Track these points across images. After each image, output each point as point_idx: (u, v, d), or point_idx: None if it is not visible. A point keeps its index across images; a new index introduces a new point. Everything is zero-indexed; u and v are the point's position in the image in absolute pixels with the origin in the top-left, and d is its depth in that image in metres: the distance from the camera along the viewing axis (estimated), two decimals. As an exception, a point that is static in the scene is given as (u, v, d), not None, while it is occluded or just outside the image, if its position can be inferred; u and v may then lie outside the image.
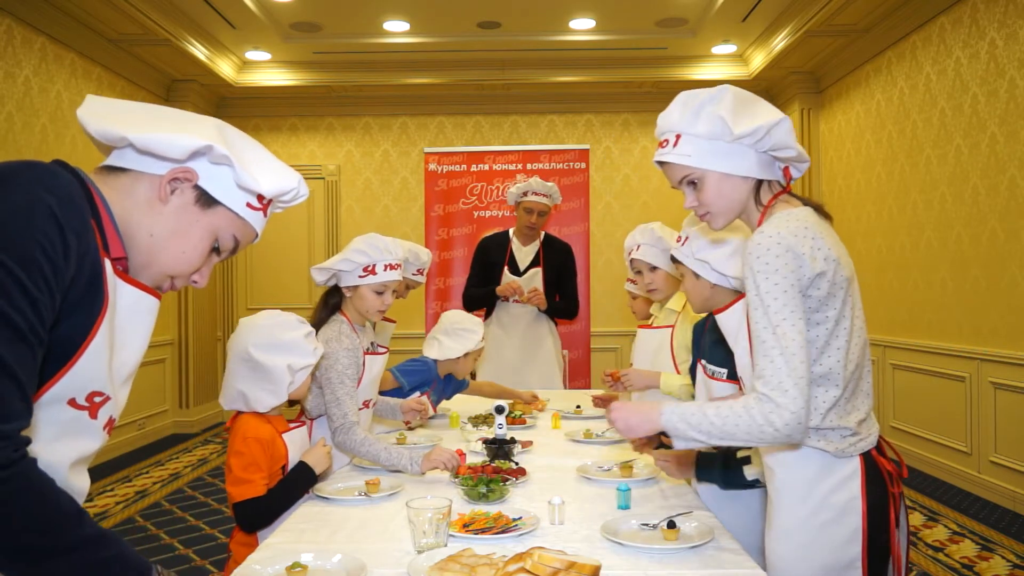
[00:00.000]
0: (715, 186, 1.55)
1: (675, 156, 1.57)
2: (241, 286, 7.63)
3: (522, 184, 4.18)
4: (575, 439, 2.77)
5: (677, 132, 1.57)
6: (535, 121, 7.56)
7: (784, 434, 1.39)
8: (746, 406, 1.41)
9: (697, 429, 1.45)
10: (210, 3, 5.58)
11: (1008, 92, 4.40)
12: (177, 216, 1.08)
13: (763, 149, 1.51)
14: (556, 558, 1.30)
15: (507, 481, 2.07)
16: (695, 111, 1.54)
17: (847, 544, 1.50)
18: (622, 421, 1.58)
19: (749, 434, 1.41)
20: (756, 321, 1.43)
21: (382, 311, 2.51)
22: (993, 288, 4.55)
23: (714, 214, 1.59)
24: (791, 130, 1.51)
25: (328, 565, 1.52)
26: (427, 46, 6.50)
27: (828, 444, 1.50)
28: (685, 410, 1.48)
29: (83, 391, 0.98)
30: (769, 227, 1.46)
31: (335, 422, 2.34)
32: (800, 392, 1.37)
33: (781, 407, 1.37)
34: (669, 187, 6.28)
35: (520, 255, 4.24)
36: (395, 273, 2.46)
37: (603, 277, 7.30)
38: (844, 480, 1.50)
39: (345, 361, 2.37)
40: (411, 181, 7.52)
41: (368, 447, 2.29)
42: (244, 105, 7.48)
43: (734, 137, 1.49)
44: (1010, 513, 4.34)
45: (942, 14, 5.04)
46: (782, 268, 1.42)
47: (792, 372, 1.37)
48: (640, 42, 6.50)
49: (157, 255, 1.08)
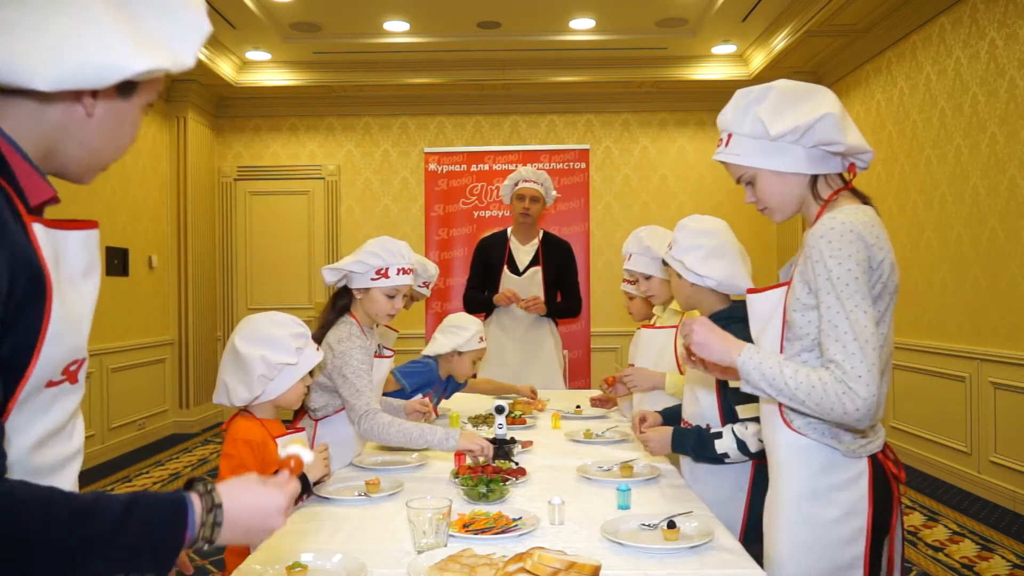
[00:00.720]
0: (767, 184, 1.57)
1: (726, 155, 1.60)
2: (241, 286, 7.63)
3: (513, 175, 4.19)
4: (575, 439, 2.77)
5: (729, 132, 1.60)
6: (535, 121, 7.56)
7: (854, 419, 1.40)
8: (823, 380, 1.42)
9: (769, 383, 1.47)
10: (210, 3, 5.57)
11: (1008, 92, 4.40)
12: (107, 119, 0.98)
13: (810, 145, 1.51)
14: (556, 558, 1.30)
15: (507, 481, 2.07)
16: (744, 110, 1.56)
17: (849, 544, 1.50)
18: (702, 337, 1.57)
19: (819, 407, 1.42)
20: (828, 306, 1.43)
21: (392, 315, 2.50)
22: (993, 288, 4.55)
23: (771, 210, 1.61)
24: (837, 124, 1.48)
25: (328, 565, 1.52)
26: (427, 46, 6.50)
27: (839, 443, 1.51)
28: (763, 361, 1.49)
29: (57, 369, 0.93)
30: (841, 214, 1.47)
31: (358, 411, 2.33)
32: (873, 379, 1.39)
33: (854, 392, 1.39)
34: (669, 187, 6.30)
35: (519, 254, 4.21)
36: (407, 278, 2.46)
37: (603, 277, 7.30)
38: (852, 479, 1.51)
39: (360, 355, 2.38)
40: (411, 181, 7.52)
41: (396, 429, 2.28)
42: (244, 105, 7.47)
43: (772, 137, 1.50)
44: (1010, 513, 4.34)
45: (942, 14, 5.04)
46: (855, 254, 1.43)
47: (866, 359, 1.39)
48: (640, 42, 6.49)
49: (97, 158, 1.01)
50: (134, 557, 0.88)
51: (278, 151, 7.60)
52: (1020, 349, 4.33)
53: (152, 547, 0.89)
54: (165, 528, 0.91)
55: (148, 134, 6.63)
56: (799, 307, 1.52)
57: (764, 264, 7.47)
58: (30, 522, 0.83)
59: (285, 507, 1.02)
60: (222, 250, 7.60)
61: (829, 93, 1.55)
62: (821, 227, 1.46)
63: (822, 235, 1.45)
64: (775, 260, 7.55)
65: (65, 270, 0.95)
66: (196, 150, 7.09)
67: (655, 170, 7.57)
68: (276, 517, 1.01)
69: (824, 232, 1.45)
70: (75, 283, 0.97)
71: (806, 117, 1.48)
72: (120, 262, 6.13)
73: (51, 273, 0.91)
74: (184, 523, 0.92)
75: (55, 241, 0.94)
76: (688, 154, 7.57)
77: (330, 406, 2.51)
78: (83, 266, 0.99)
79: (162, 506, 0.91)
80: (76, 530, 0.85)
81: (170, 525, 0.91)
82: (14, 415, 0.91)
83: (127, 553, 0.87)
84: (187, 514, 0.92)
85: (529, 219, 4.16)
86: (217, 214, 7.56)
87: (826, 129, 1.48)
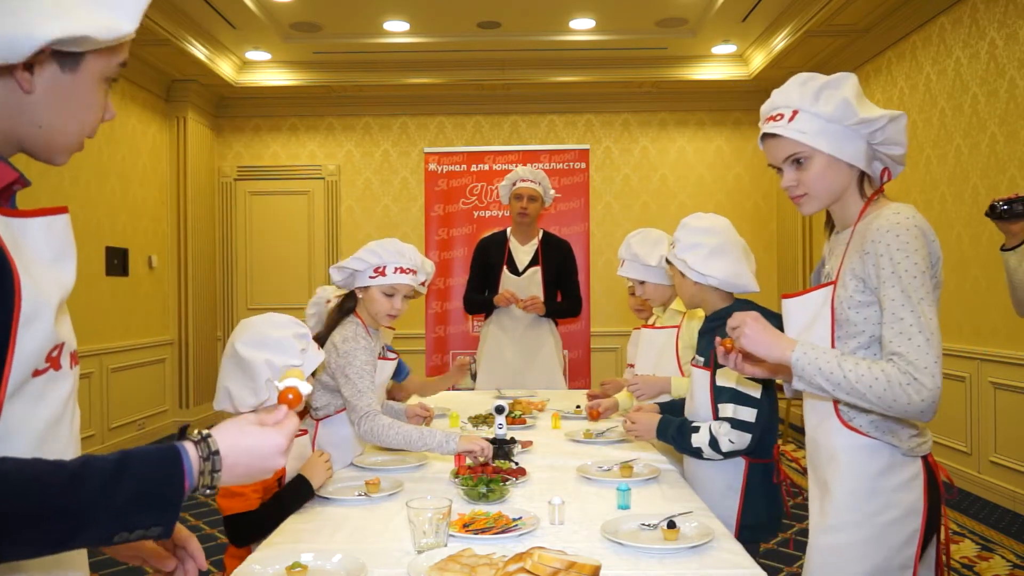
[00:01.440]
0: (821, 168, 1.55)
1: (790, 131, 1.55)
2: (241, 286, 7.63)
3: (510, 175, 4.16)
4: (575, 439, 2.77)
5: (795, 108, 1.55)
6: (535, 121, 7.56)
7: (918, 410, 1.39)
8: (886, 372, 1.40)
9: (826, 377, 1.44)
10: (210, 3, 5.58)
11: (1008, 92, 4.40)
12: (52, 94, 0.94)
13: (875, 141, 1.52)
14: (556, 558, 1.30)
15: (507, 481, 2.06)
16: (815, 91, 1.53)
17: (904, 545, 1.50)
18: (754, 332, 1.53)
19: (881, 399, 1.41)
20: (892, 299, 1.43)
21: (392, 315, 2.49)
22: (993, 288, 4.55)
23: (811, 196, 1.58)
24: (905, 128, 1.51)
25: (328, 565, 1.52)
26: (427, 46, 6.50)
27: (899, 440, 1.51)
28: (819, 356, 1.46)
29: (40, 356, 0.92)
30: (904, 209, 1.47)
31: (359, 411, 2.32)
32: (939, 371, 1.39)
33: (920, 384, 1.38)
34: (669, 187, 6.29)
35: (518, 254, 4.19)
36: (406, 277, 2.45)
37: (603, 277, 7.30)
38: (909, 480, 1.51)
39: (363, 356, 2.38)
40: (411, 181, 7.52)
41: (396, 431, 2.28)
42: (244, 105, 7.48)
43: (857, 120, 1.49)
44: (1010, 513, 4.34)
45: (942, 14, 5.04)
46: (920, 248, 1.44)
47: (932, 350, 1.40)
48: (640, 42, 6.49)
49: (57, 137, 0.97)
50: (132, 515, 0.85)
51: (278, 151, 7.60)
52: (1020, 349, 4.33)
53: (149, 503, 0.86)
54: (161, 481, 0.88)
55: (148, 134, 6.64)
56: (854, 305, 1.51)
57: (764, 264, 7.48)
58: (21, 494, 0.81)
59: (285, 447, 0.98)
60: (222, 250, 7.60)
61: None
62: (885, 222, 1.46)
63: (888, 229, 1.44)
64: (775, 260, 7.54)
65: (28, 256, 0.93)
66: (196, 150, 7.09)
67: (655, 170, 7.57)
68: (276, 458, 0.98)
69: (890, 227, 1.44)
70: (43, 268, 0.94)
71: (889, 112, 1.49)
72: (120, 262, 6.13)
73: (15, 260, 0.89)
74: (180, 473, 0.89)
75: (13, 229, 0.93)
76: (688, 154, 7.57)
77: (331, 406, 2.51)
78: (51, 253, 0.96)
79: (155, 459, 0.88)
80: (69, 496, 0.83)
81: (167, 477, 0.88)
82: (11, 408, 0.90)
83: (124, 512, 0.85)
84: (183, 464, 0.89)
85: (527, 219, 4.12)
86: (217, 214, 7.56)
87: (899, 129, 1.50)
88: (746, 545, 1.70)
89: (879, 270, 1.45)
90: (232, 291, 7.63)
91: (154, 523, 0.87)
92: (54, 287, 0.95)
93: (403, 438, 2.27)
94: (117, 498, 0.84)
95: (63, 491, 0.83)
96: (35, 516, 0.81)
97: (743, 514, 2.09)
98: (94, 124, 1.01)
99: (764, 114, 1.62)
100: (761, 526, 2.12)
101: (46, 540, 0.82)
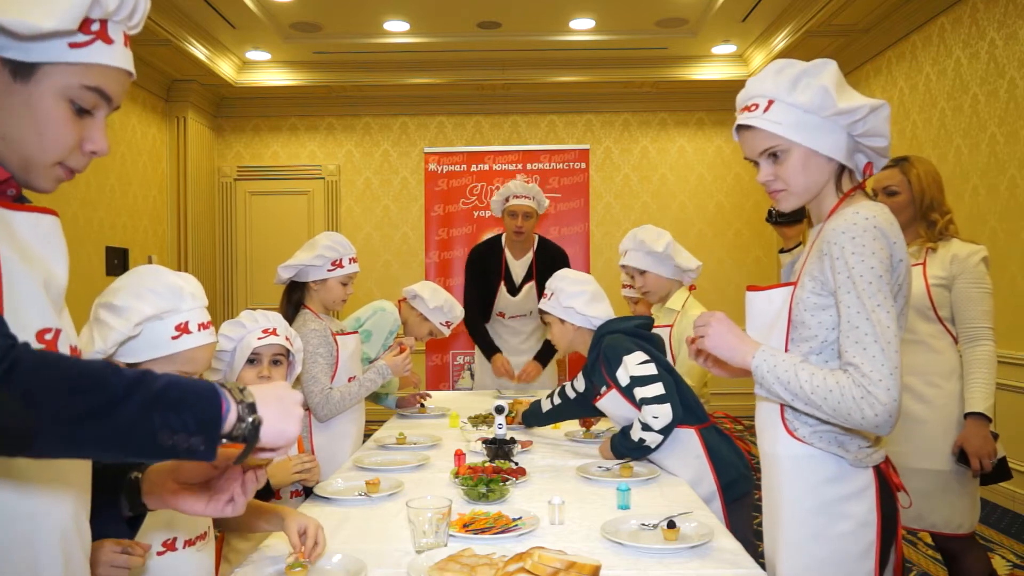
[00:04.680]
0: (800, 161, 1.45)
1: (764, 122, 1.44)
2: (241, 286, 7.63)
3: (502, 190, 3.95)
4: (575, 439, 2.77)
5: (770, 97, 1.44)
6: (535, 121, 7.56)
7: (872, 424, 1.33)
8: (840, 385, 1.34)
9: (784, 386, 1.40)
10: (210, 3, 5.58)
11: (1008, 92, 4.40)
12: (6, 102, 0.92)
13: (856, 132, 1.43)
14: (556, 558, 1.30)
15: (507, 481, 2.06)
16: (792, 79, 1.43)
17: (862, 558, 1.45)
18: (718, 334, 1.49)
19: (835, 412, 1.35)
20: (847, 306, 1.35)
21: (345, 300, 2.80)
22: (993, 288, 4.54)
23: (789, 192, 1.48)
24: (888, 118, 1.42)
25: (328, 565, 1.52)
26: (427, 46, 6.50)
27: (845, 452, 1.46)
28: (779, 363, 1.41)
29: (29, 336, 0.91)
30: (863, 209, 1.38)
31: (315, 397, 2.60)
32: (895, 383, 1.32)
33: (874, 397, 1.31)
34: (668, 187, 6.27)
35: (515, 268, 4.05)
36: (356, 265, 2.80)
37: (603, 277, 7.23)
38: (860, 491, 1.45)
39: (315, 341, 2.63)
40: (411, 181, 7.52)
41: (345, 394, 2.65)
42: (244, 105, 7.47)
43: (836, 111, 1.39)
44: (1010, 513, 4.34)
45: (942, 14, 5.04)
46: (878, 251, 1.35)
47: (887, 361, 1.32)
48: (640, 42, 6.50)
49: (22, 151, 0.95)
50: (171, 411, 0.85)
51: (278, 151, 7.61)
52: (1020, 349, 4.33)
53: (189, 404, 0.86)
54: (200, 394, 0.88)
55: (148, 134, 6.64)
56: (810, 307, 1.44)
57: (764, 264, 7.48)
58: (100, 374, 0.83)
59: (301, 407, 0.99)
60: (222, 250, 7.60)
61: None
62: (842, 222, 1.37)
63: (844, 230, 1.36)
64: (775, 260, 7.54)
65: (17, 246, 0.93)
66: (196, 150, 7.09)
67: (655, 170, 7.57)
68: (298, 406, 0.98)
69: (846, 228, 1.36)
70: (33, 255, 0.94)
71: (871, 101, 1.39)
72: (120, 262, 6.13)
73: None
74: (217, 395, 0.89)
75: (9, 219, 0.93)
76: (688, 154, 7.57)
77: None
78: (39, 250, 0.96)
79: (191, 383, 0.90)
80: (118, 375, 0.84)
81: (206, 391, 0.89)
82: None
83: (164, 401, 0.85)
84: (216, 388, 0.90)
85: (522, 237, 3.94)
86: (217, 214, 7.56)
87: (882, 119, 1.41)
88: (735, 504, 1.91)
89: (835, 273, 1.37)
90: (232, 291, 7.63)
91: (195, 426, 0.86)
92: (42, 272, 0.95)
93: (354, 397, 2.67)
94: (156, 384, 0.85)
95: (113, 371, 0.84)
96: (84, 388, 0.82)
97: (719, 475, 2.19)
98: (64, 146, 0.96)
99: (739, 104, 1.52)
100: (740, 479, 2.22)
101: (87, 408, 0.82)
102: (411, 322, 3.40)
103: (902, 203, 2.51)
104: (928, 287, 2.46)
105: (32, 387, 0.79)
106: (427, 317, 3.36)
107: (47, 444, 0.81)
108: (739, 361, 1.48)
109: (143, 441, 0.84)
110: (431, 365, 5.45)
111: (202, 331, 1.48)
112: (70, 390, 0.81)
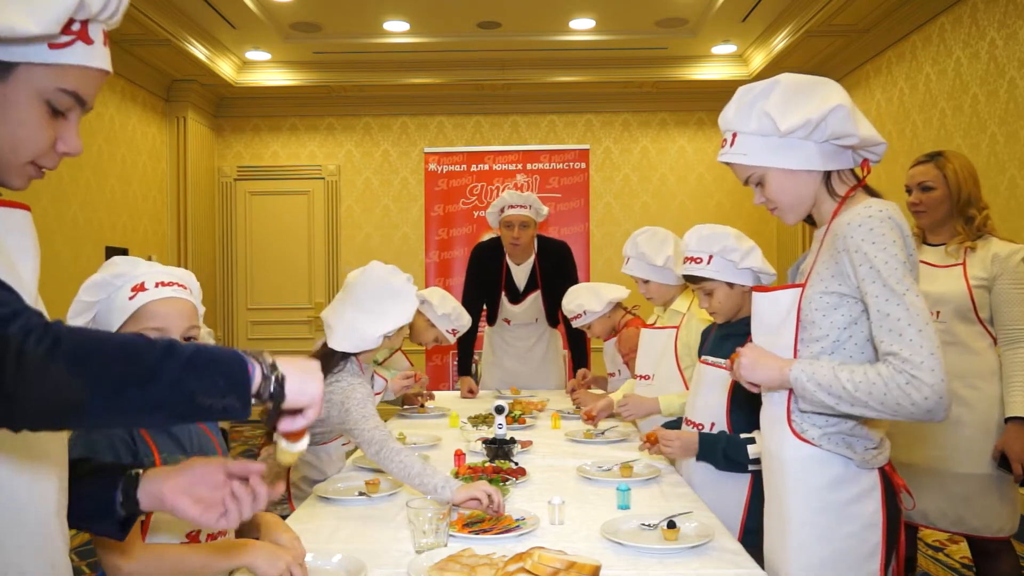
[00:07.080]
0: (777, 183, 1.50)
1: (734, 156, 1.52)
2: (241, 286, 7.63)
3: (496, 202, 3.85)
4: (575, 439, 2.77)
5: (733, 131, 1.51)
6: (535, 121, 7.56)
7: (924, 409, 1.29)
8: (882, 375, 1.32)
9: (827, 391, 1.37)
10: (210, 3, 5.58)
11: (1008, 92, 4.40)
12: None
13: (821, 139, 1.44)
14: (556, 558, 1.30)
15: (507, 481, 2.07)
16: (748, 107, 1.48)
17: (868, 559, 1.45)
18: (751, 362, 1.49)
19: (884, 405, 1.32)
20: (875, 296, 1.34)
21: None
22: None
23: (783, 210, 1.53)
24: (848, 116, 1.41)
25: (328, 565, 1.52)
26: (427, 46, 6.50)
27: (853, 452, 1.46)
28: (817, 370, 1.39)
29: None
30: (875, 203, 1.40)
31: (366, 435, 2.01)
32: (938, 363, 1.29)
33: (920, 381, 1.29)
34: (668, 187, 6.27)
35: (517, 274, 3.98)
36: None
37: (603, 277, 7.25)
38: (866, 492, 1.46)
39: (362, 391, 2.14)
40: (411, 181, 7.52)
41: (400, 460, 1.95)
42: (244, 105, 7.47)
43: (782, 133, 1.43)
44: (1010, 513, 4.33)
45: (942, 14, 5.04)
46: (898, 240, 1.36)
47: (926, 342, 1.29)
48: (640, 42, 6.50)
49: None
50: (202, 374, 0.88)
51: (278, 151, 7.61)
52: (1020, 349, 4.32)
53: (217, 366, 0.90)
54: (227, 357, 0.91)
55: (148, 134, 6.64)
56: (821, 307, 1.45)
57: (764, 264, 7.47)
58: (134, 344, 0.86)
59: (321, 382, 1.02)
60: (222, 250, 7.60)
61: (836, 85, 1.47)
62: (855, 217, 1.38)
63: (860, 224, 1.37)
64: (775, 260, 7.54)
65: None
66: (196, 150, 7.09)
67: (655, 170, 7.58)
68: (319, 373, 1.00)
69: (861, 221, 1.37)
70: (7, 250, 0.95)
71: (817, 110, 1.40)
72: (120, 262, 6.13)
73: None
74: (239, 354, 0.92)
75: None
76: (688, 154, 7.57)
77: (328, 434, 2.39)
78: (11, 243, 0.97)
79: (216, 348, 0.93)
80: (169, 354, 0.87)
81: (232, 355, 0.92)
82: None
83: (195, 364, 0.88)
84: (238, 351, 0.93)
85: (520, 247, 3.85)
86: (217, 214, 7.56)
87: (839, 122, 1.40)
88: (749, 549, 1.65)
89: (855, 268, 1.37)
90: (232, 291, 7.63)
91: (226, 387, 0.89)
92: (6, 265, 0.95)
93: (403, 471, 1.94)
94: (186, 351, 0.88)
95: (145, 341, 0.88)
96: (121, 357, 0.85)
97: (748, 516, 2.04)
98: (38, 147, 0.96)
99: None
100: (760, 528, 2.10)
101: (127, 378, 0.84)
102: (417, 327, 3.30)
103: (938, 198, 2.45)
104: (970, 288, 2.37)
105: (78, 360, 0.82)
106: (434, 323, 3.31)
107: (98, 414, 0.85)
108: (777, 379, 1.47)
109: (184, 404, 0.87)
110: (432, 365, 5.45)
111: (160, 288, 1.53)
112: (112, 360, 0.84)
